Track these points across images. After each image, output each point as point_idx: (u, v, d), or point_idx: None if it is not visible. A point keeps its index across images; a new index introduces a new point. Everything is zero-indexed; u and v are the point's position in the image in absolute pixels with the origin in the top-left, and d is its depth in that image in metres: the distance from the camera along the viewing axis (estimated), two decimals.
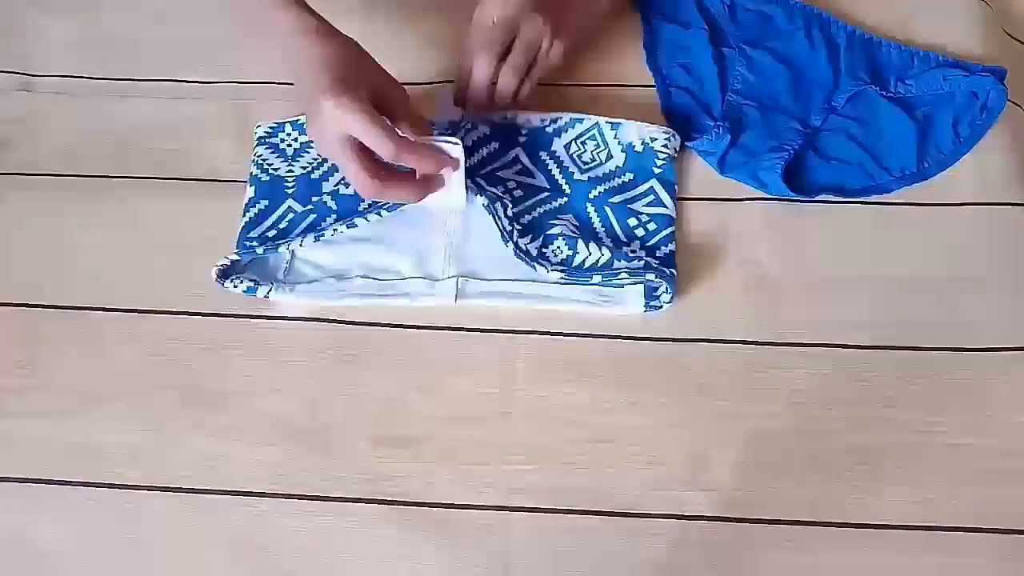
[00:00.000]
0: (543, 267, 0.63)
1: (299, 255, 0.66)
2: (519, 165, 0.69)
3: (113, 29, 0.80)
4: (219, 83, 0.76)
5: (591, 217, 0.67)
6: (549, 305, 0.64)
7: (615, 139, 0.70)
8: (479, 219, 0.66)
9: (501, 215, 0.65)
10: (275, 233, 0.66)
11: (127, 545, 0.56)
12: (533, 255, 0.64)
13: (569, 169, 0.69)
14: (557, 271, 0.63)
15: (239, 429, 0.59)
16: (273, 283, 0.64)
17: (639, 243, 0.65)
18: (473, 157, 0.68)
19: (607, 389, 0.61)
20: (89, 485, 0.58)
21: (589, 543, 0.56)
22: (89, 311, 0.64)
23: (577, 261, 0.64)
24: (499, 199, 0.65)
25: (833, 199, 0.69)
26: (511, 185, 0.68)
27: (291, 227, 0.66)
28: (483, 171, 0.68)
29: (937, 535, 0.56)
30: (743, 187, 0.70)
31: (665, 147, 0.69)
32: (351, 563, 0.55)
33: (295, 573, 0.55)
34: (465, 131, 0.70)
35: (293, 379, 0.61)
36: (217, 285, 0.63)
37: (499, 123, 0.70)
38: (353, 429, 0.59)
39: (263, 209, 0.67)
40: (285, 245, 0.64)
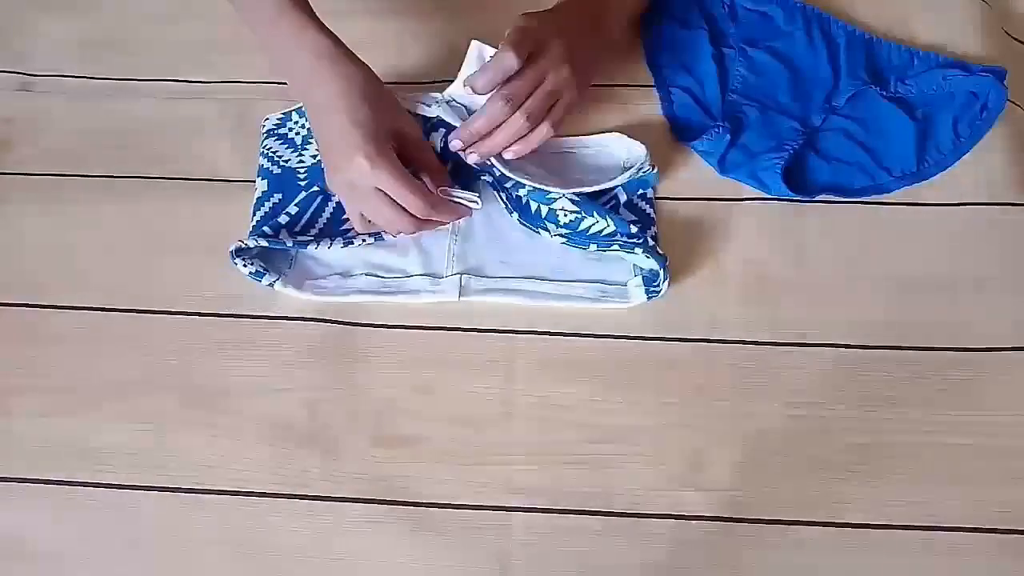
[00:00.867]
0: (546, 231, 0.64)
1: (303, 253, 0.66)
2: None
3: (113, 29, 0.80)
4: (219, 83, 0.76)
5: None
6: (551, 303, 0.64)
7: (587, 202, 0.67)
8: (483, 217, 0.67)
9: (503, 186, 0.65)
10: (288, 220, 0.65)
11: (127, 545, 0.56)
12: (540, 217, 0.64)
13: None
14: (561, 234, 0.63)
15: (239, 429, 0.59)
16: (279, 275, 0.64)
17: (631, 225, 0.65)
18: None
19: (607, 389, 0.61)
20: (89, 485, 0.58)
21: (589, 543, 0.56)
22: (89, 311, 0.64)
23: (584, 225, 0.64)
24: (502, 175, 0.66)
25: (833, 199, 0.69)
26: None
27: (304, 210, 0.66)
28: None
29: (937, 535, 0.56)
30: (743, 187, 0.70)
31: (626, 165, 0.69)
32: (351, 563, 0.55)
33: (295, 573, 0.55)
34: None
35: (293, 379, 0.61)
36: (230, 262, 0.63)
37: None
38: (353, 429, 0.59)
39: (278, 202, 0.67)
40: (313, 244, 0.64)
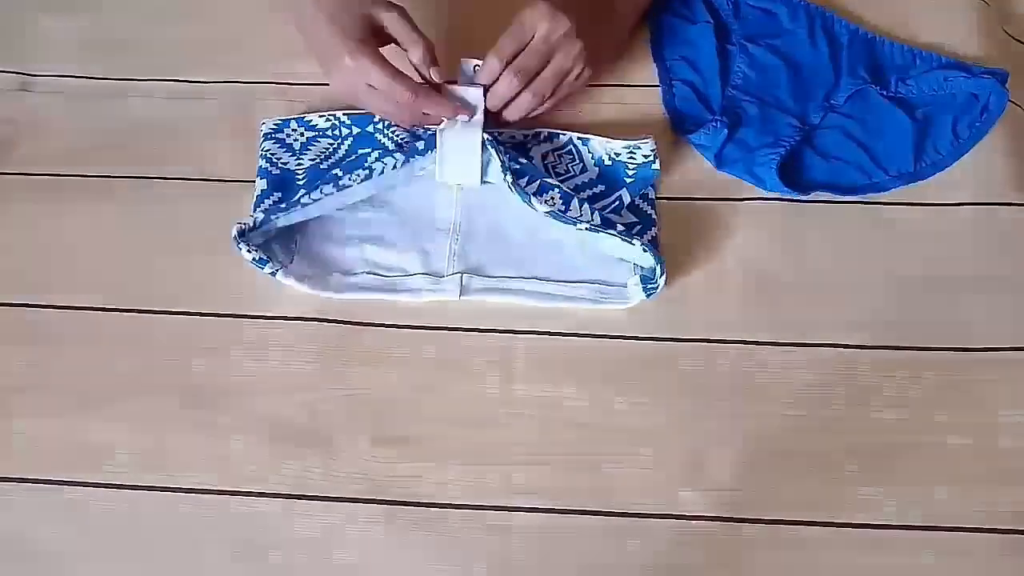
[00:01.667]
0: (538, 200, 0.64)
1: (304, 249, 0.66)
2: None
3: (113, 29, 0.80)
4: (219, 83, 0.76)
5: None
6: (552, 303, 0.64)
7: (588, 152, 0.70)
8: (482, 216, 0.67)
9: (501, 152, 0.66)
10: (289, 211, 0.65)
11: (127, 545, 0.56)
12: (531, 191, 0.64)
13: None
14: (548, 207, 0.64)
15: (239, 429, 0.59)
16: (281, 265, 0.64)
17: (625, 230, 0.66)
18: None
19: (607, 389, 0.61)
20: (89, 485, 0.58)
21: (589, 543, 0.56)
22: (89, 311, 0.64)
23: (571, 213, 0.64)
24: (501, 145, 0.66)
25: (832, 198, 0.69)
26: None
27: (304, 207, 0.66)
28: None
29: (937, 535, 0.56)
30: (743, 187, 0.70)
31: (632, 157, 0.69)
32: (351, 563, 0.55)
33: (295, 573, 0.55)
34: None
35: (293, 379, 0.61)
36: (233, 246, 0.63)
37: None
38: (353, 429, 0.59)
39: (277, 201, 0.68)
40: (305, 204, 0.65)
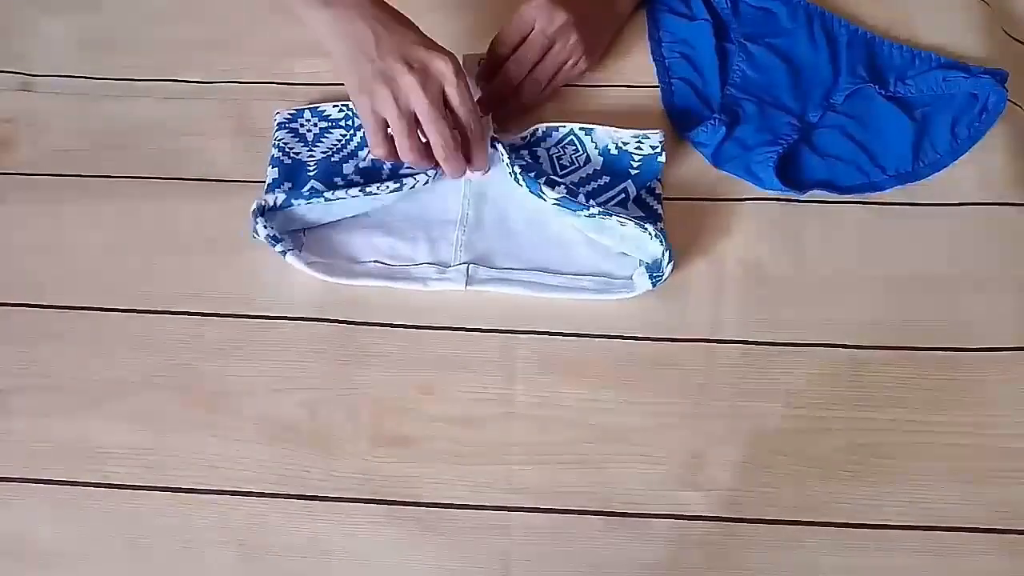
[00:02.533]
0: (548, 187, 0.64)
1: (312, 236, 0.66)
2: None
3: (113, 29, 0.80)
4: (219, 83, 0.76)
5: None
6: (557, 294, 0.64)
7: (591, 143, 0.71)
8: (490, 208, 0.68)
9: (506, 148, 0.67)
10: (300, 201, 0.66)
11: (127, 545, 0.56)
12: (540, 180, 0.65)
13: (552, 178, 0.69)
14: (556, 195, 0.64)
15: (239, 429, 0.59)
16: (292, 247, 0.64)
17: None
18: None
19: (607, 389, 0.61)
20: (89, 485, 0.58)
21: (589, 543, 0.56)
22: (89, 311, 0.64)
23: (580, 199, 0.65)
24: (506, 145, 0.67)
25: (832, 198, 0.69)
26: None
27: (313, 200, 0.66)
28: None
29: (937, 535, 0.56)
30: (743, 187, 0.70)
31: (639, 148, 0.70)
32: (351, 563, 0.55)
33: (295, 573, 0.55)
34: None
35: (293, 379, 0.61)
36: (251, 219, 0.63)
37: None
38: (353, 429, 0.59)
39: (288, 190, 0.68)
40: (329, 200, 0.65)
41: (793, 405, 0.60)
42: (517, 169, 0.66)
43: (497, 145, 0.67)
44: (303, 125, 0.72)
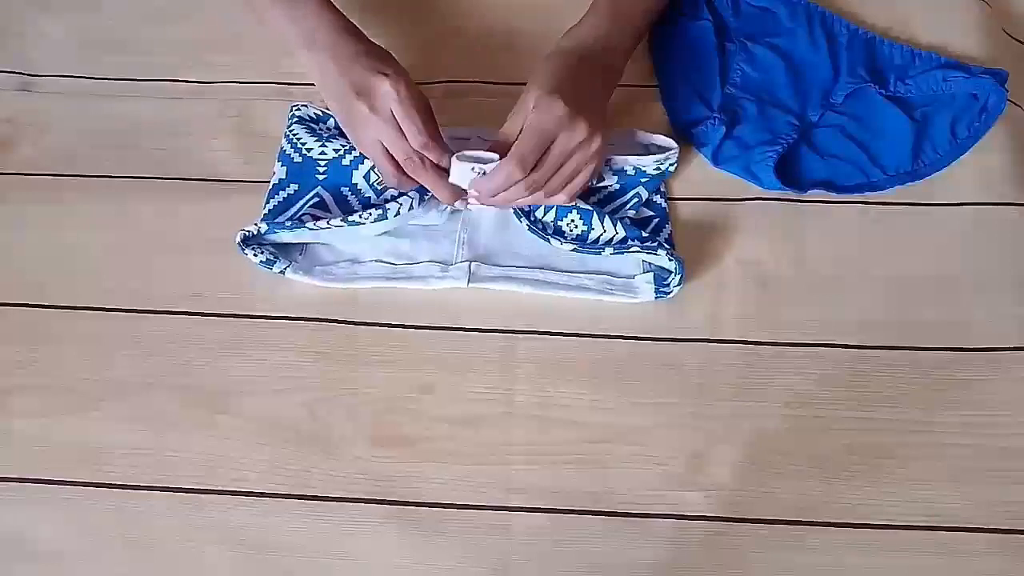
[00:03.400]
0: (557, 240, 0.64)
1: (314, 239, 0.66)
2: None
3: (113, 29, 0.80)
4: (219, 83, 0.76)
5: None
6: (558, 292, 0.64)
7: (607, 169, 0.69)
8: (491, 208, 0.68)
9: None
10: (302, 217, 0.66)
11: (127, 545, 0.56)
12: (548, 229, 0.65)
13: None
14: (571, 244, 0.64)
15: (239, 429, 0.59)
16: (289, 262, 0.65)
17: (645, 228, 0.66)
18: None
19: (607, 389, 0.61)
20: (89, 485, 0.58)
21: (589, 543, 0.56)
22: (89, 311, 0.64)
23: (592, 237, 0.65)
24: None
25: (832, 199, 0.69)
26: None
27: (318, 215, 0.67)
28: None
29: (937, 535, 0.56)
30: (743, 187, 0.70)
31: (658, 170, 0.69)
32: (351, 563, 0.55)
33: (295, 573, 0.55)
34: None
35: (293, 379, 0.61)
36: (238, 250, 0.64)
37: None
38: (353, 429, 0.59)
39: (292, 194, 0.68)
40: (312, 229, 0.64)
41: (793, 405, 0.60)
42: (526, 222, 0.66)
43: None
44: (319, 126, 0.71)
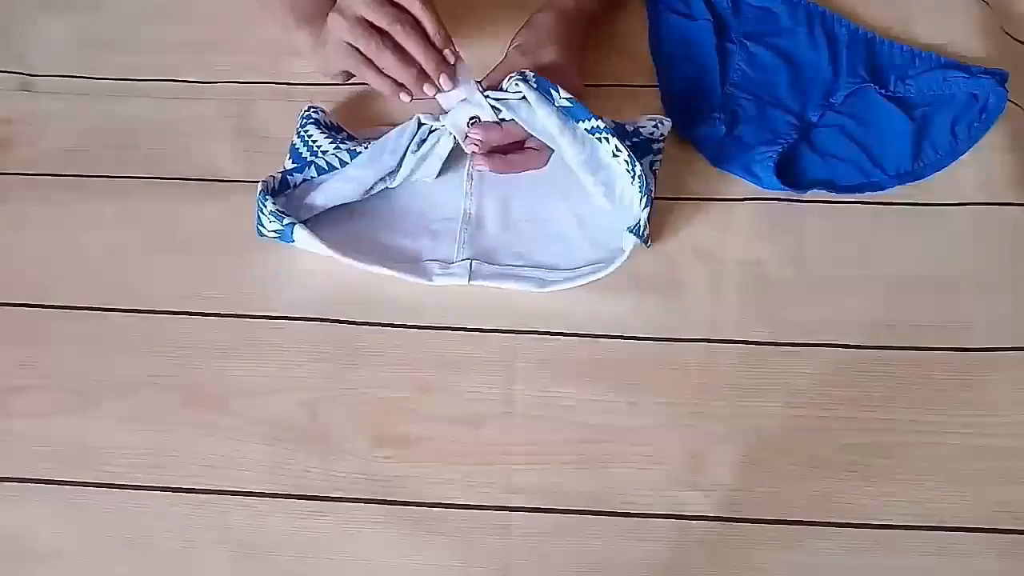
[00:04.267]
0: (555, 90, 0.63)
1: (317, 233, 0.65)
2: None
3: (113, 29, 0.80)
4: (218, 83, 0.76)
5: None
6: (559, 287, 0.64)
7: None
8: (492, 205, 0.68)
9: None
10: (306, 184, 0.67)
11: (127, 545, 0.56)
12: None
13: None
14: (568, 100, 0.63)
15: (239, 429, 0.59)
16: (296, 221, 0.64)
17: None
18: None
19: (607, 389, 0.61)
20: (89, 485, 0.58)
21: (589, 543, 0.56)
22: (89, 311, 0.64)
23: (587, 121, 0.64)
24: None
25: (832, 198, 0.69)
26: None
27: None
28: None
29: (937, 535, 0.56)
30: (743, 187, 0.70)
31: (653, 132, 0.69)
32: (351, 563, 0.55)
33: (295, 573, 0.55)
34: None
35: (293, 379, 0.61)
36: (256, 205, 0.63)
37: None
38: (353, 429, 0.59)
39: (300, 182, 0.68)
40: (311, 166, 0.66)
41: (793, 405, 0.60)
42: (523, 87, 0.63)
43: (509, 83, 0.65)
44: (334, 131, 0.70)
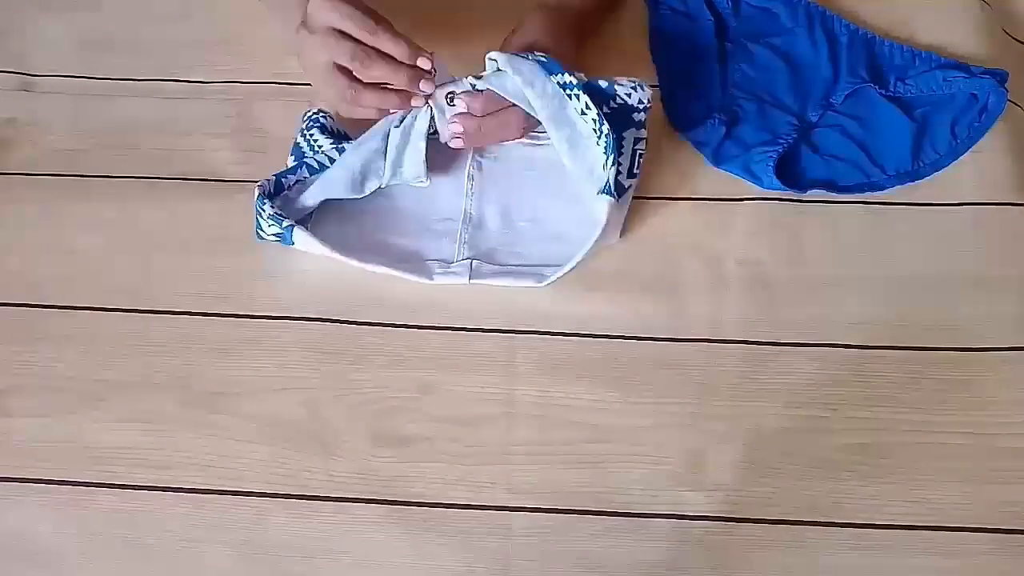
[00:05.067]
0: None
1: (317, 234, 0.66)
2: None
3: (113, 29, 0.80)
4: (218, 83, 0.76)
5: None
6: (555, 276, 0.64)
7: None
8: (492, 206, 0.69)
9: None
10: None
11: (127, 545, 0.56)
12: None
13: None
14: (544, 57, 0.65)
15: (239, 429, 0.59)
16: (295, 224, 0.64)
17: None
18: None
19: (607, 389, 0.61)
20: (89, 485, 0.58)
21: (589, 543, 0.56)
22: (89, 311, 0.64)
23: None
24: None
25: (832, 199, 0.69)
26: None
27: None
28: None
29: (937, 535, 0.56)
30: (743, 187, 0.70)
31: (628, 96, 0.68)
32: (351, 563, 0.55)
33: (295, 573, 0.55)
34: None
35: (293, 379, 0.61)
36: (255, 209, 0.64)
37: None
38: (353, 429, 0.59)
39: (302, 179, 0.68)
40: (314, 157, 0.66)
41: (793, 405, 0.60)
42: (495, 55, 0.65)
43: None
44: (340, 138, 0.70)
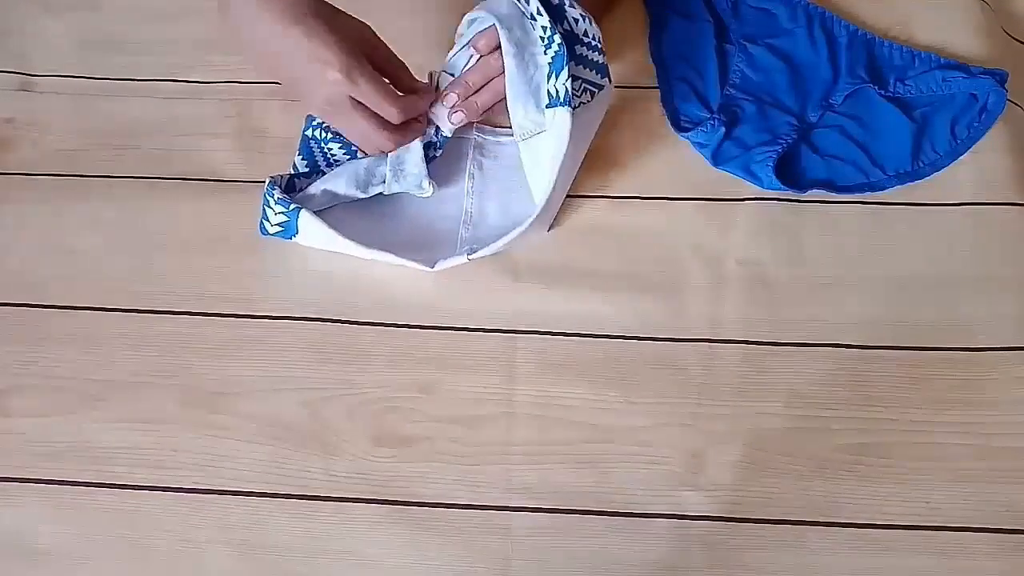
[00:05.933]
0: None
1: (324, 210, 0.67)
2: None
3: (113, 29, 0.80)
4: (219, 83, 0.76)
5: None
6: (532, 217, 0.64)
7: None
8: (493, 205, 0.69)
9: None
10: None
11: (127, 545, 0.56)
12: None
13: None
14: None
15: (239, 429, 0.59)
16: (302, 206, 0.64)
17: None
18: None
19: (607, 389, 0.61)
20: (89, 485, 0.58)
21: (589, 543, 0.56)
22: (89, 311, 0.64)
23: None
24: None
25: (832, 199, 0.69)
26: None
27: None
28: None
29: (937, 535, 0.56)
30: (743, 187, 0.70)
31: (577, 23, 0.67)
32: (351, 563, 0.55)
33: (295, 573, 0.55)
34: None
35: (293, 379, 0.61)
36: (266, 189, 0.65)
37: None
38: (353, 429, 0.59)
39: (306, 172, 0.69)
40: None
41: (793, 405, 0.60)
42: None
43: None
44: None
